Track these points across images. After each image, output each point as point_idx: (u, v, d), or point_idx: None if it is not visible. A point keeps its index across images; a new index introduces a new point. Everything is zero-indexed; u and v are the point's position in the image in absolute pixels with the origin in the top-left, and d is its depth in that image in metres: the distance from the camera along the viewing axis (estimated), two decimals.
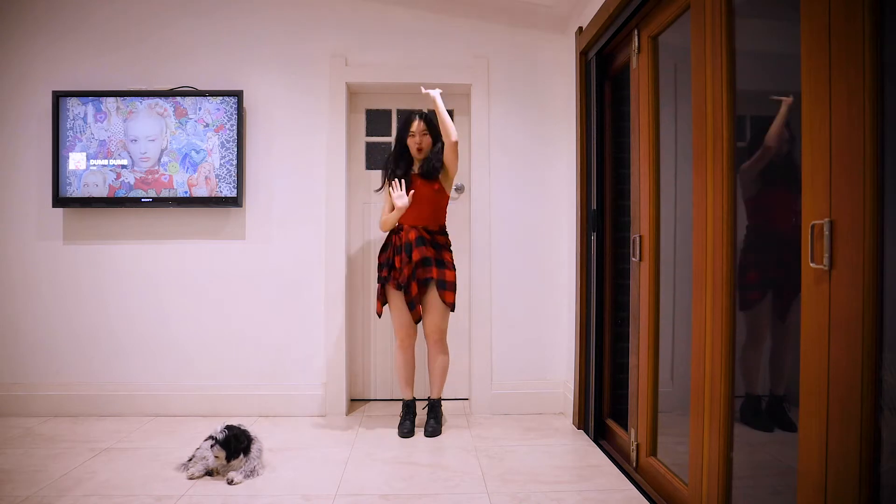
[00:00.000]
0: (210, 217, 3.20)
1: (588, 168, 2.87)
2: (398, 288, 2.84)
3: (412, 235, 2.81)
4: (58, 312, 3.18)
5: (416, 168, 2.93)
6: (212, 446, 2.25)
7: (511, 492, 2.18)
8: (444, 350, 2.90)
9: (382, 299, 2.93)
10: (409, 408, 2.92)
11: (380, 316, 2.98)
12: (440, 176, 2.89)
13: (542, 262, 3.27)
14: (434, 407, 2.94)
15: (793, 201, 1.37)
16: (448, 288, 2.83)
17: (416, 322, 2.91)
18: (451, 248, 2.95)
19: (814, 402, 1.27)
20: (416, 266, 2.78)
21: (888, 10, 1.12)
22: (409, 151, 2.91)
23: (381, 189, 3.01)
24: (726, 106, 1.65)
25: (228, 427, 2.29)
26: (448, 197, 2.94)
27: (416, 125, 2.85)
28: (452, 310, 2.89)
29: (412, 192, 2.83)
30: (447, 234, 2.95)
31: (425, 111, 2.93)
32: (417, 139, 2.85)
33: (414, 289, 2.79)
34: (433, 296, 2.83)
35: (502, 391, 3.24)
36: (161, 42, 3.20)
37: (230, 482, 2.23)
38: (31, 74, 3.18)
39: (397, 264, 2.81)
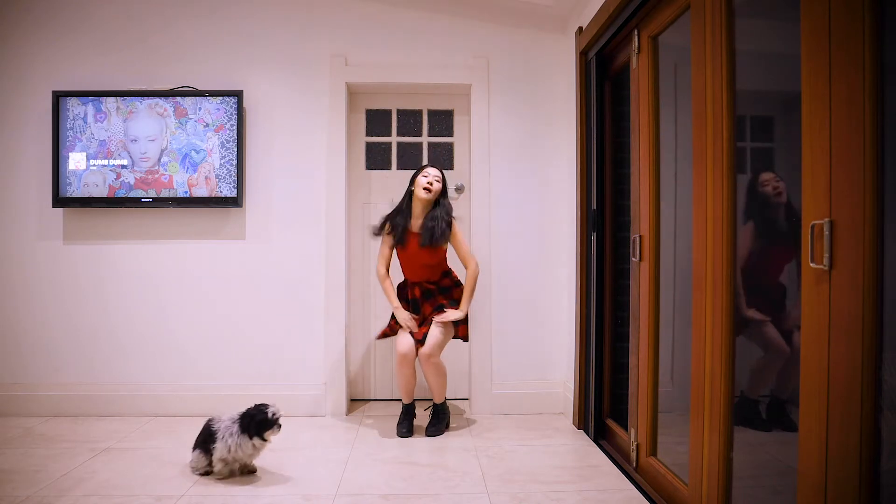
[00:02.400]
0: (210, 217, 3.20)
1: (588, 168, 2.87)
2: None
3: (417, 293, 2.91)
4: (58, 312, 3.18)
5: (414, 227, 2.88)
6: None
7: (511, 492, 2.18)
8: (436, 362, 2.82)
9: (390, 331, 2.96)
10: (408, 410, 2.92)
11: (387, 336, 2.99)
12: (441, 244, 2.86)
13: (542, 263, 3.27)
14: (438, 410, 2.93)
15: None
16: (462, 321, 2.90)
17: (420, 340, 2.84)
18: (459, 282, 2.97)
19: (814, 402, 1.27)
20: (426, 317, 2.88)
21: (888, 10, 1.12)
22: (410, 202, 2.88)
23: (378, 234, 2.95)
24: (726, 106, 1.65)
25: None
26: (446, 250, 2.92)
27: (430, 169, 2.87)
28: (466, 340, 2.98)
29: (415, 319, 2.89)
30: (451, 273, 2.98)
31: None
32: (430, 179, 2.82)
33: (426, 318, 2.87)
34: (435, 326, 2.81)
35: (502, 391, 3.24)
36: (161, 42, 3.20)
37: (251, 471, 2.32)
38: (31, 74, 3.18)
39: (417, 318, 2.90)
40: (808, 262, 1.28)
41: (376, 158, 3.46)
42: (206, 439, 2.28)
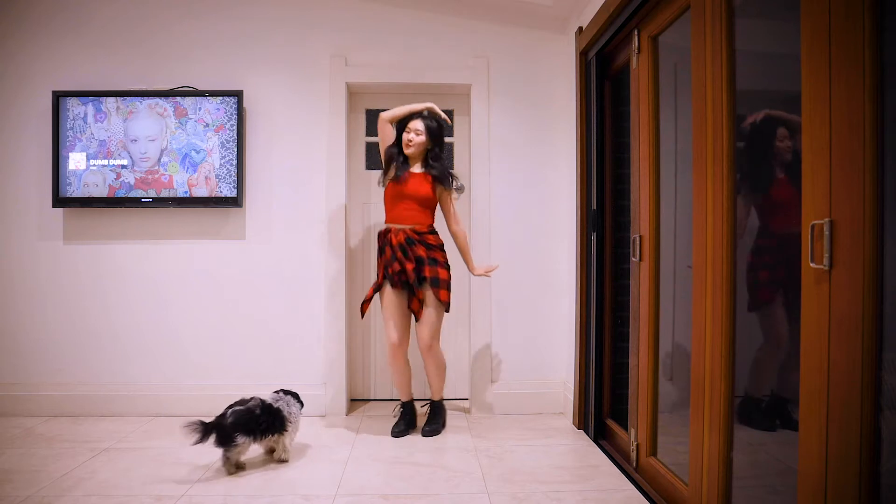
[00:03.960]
0: (210, 217, 3.20)
1: (588, 168, 2.87)
2: (401, 286, 2.77)
3: (401, 238, 2.76)
4: (58, 312, 3.18)
5: (415, 167, 2.88)
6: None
7: (511, 492, 2.18)
8: (437, 352, 2.84)
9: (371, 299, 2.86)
10: (405, 409, 2.92)
11: (362, 317, 2.93)
12: (445, 188, 2.85)
13: (542, 262, 3.27)
14: (436, 408, 2.93)
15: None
16: (441, 286, 2.77)
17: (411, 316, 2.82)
18: (444, 247, 2.88)
19: (814, 402, 1.27)
20: (408, 265, 2.74)
21: (888, 10, 1.12)
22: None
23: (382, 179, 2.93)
24: (726, 106, 1.65)
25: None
26: (436, 203, 2.89)
27: (414, 122, 2.81)
28: (447, 310, 2.83)
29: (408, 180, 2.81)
30: (437, 233, 2.87)
31: (427, 114, 2.84)
32: (411, 135, 2.80)
33: (417, 299, 2.77)
34: (427, 295, 2.78)
35: (502, 391, 3.24)
36: (161, 42, 3.20)
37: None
38: (31, 74, 3.18)
39: (397, 267, 2.74)
40: (808, 262, 1.28)
41: (376, 158, 3.46)
42: (268, 421, 2.36)
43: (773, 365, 1.66)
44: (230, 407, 2.36)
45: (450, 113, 3.44)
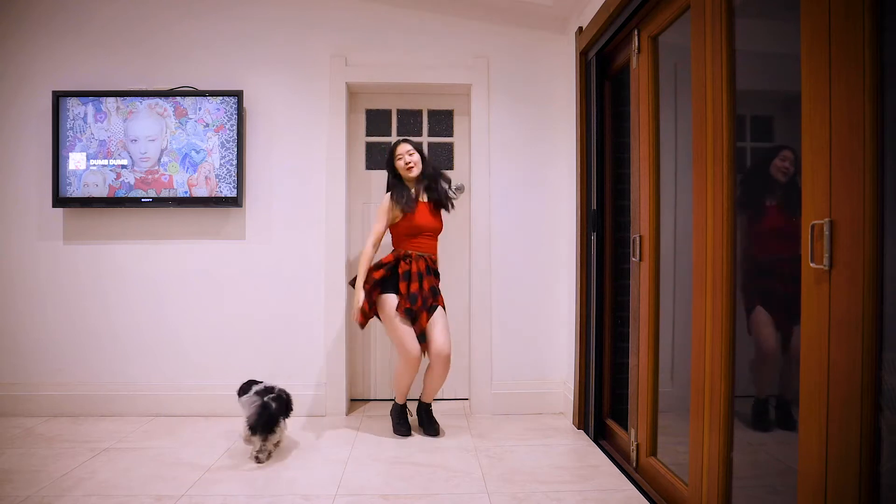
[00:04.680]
0: (210, 217, 3.20)
1: (588, 168, 2.87)
2: (409, 315, 2.76)
3: (422, 266, 2.80)
4: (58, 312, 3.18)
5: (422, 196, 2.90)
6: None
7: (511, 492, 2.18)
8: (449, 367, 2.85)
9: (370, 312, 2.81)
10: (403, 410, 2.92)
11: (362, 327, 2.85)
12: (446, 210, 2.96)
13: (542, 262, 3.27)
14: (430, 410, 2.92)
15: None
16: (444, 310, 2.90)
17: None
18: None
19: (814, 402, 1.27)
20: (427, 296, 2.77)
21: (888, 10, 1.12)
22: (402, 180, 2.90)
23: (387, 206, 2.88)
24: (726, 106, 1.65)
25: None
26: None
27: (400, 148, 2.87)
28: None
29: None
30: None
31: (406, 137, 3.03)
32: (406, 158, 2.85)
33: (424, 320, 2.76)
34: (442, 318, 2.80)
35: (502, 391, 3.24)
36: (161, 42, 3.20)
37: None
38: (31, 74, 3.18)
39: (412, 290, 2.73)
40: (808, 262, 1.28)
41: (376, 158, 3.46)
42: (288, 406, 2.64)
43: (766, 370, 1.66)
44: (259, 395, 2.55)
45: (450, 112, 3.45)
